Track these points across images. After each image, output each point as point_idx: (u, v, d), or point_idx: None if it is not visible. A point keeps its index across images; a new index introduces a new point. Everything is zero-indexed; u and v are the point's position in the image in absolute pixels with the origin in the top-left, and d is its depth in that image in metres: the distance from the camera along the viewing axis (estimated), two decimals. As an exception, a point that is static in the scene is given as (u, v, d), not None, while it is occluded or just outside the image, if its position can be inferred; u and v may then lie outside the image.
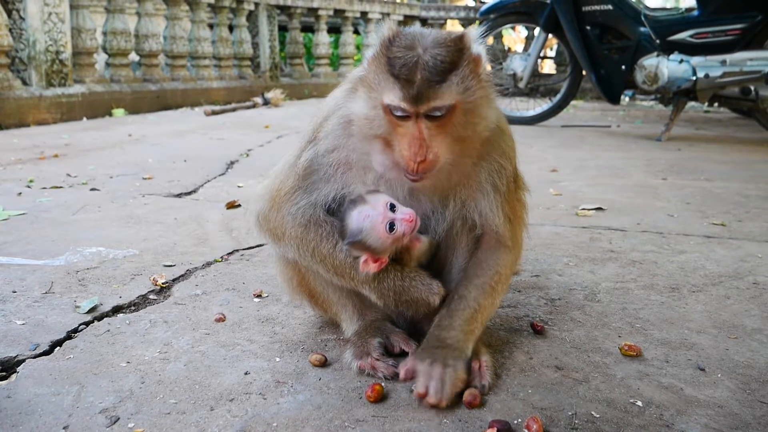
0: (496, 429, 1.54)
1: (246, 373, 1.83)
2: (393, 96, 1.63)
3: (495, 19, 8.38)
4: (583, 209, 3.88)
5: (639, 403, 1.70)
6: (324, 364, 1.88)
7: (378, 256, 1.78)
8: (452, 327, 1.80)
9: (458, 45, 1.66)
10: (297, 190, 1.89)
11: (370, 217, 1.74)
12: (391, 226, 1.73)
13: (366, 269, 1.79)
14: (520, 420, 1.61)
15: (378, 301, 1.85)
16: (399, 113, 1.63)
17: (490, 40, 10.92)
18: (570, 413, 1.64)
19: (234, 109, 10.57)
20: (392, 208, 1.76)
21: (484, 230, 1.88)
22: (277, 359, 1.92)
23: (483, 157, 1.83)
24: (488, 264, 1.87)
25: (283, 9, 14.09)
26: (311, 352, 1.95)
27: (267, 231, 1.97)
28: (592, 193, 4.43)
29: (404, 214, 1.75)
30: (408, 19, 16.06)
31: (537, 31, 8.45)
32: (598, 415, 1.63)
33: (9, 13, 8.27)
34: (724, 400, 1.72)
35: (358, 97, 1.74)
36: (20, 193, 4.15)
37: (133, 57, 10.79)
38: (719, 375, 1.85)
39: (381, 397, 1.69)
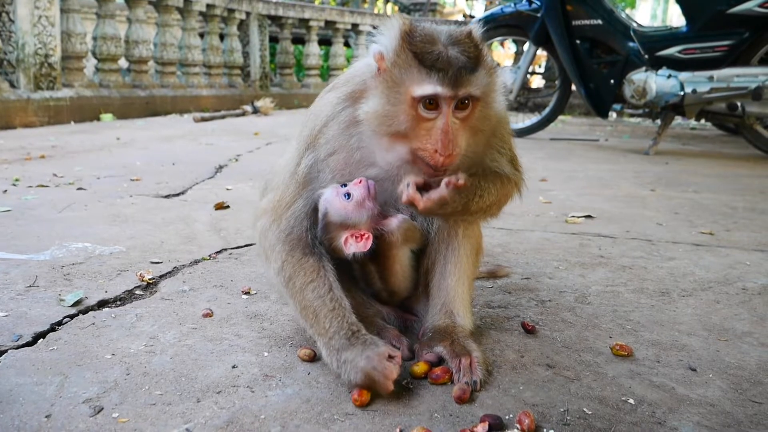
0: (487, 423, 1.52)
1: (234, 367, 1.80)
2: (428, 85, 1.63)
3: (486, 32, 8.40)
4: (573, 217, 3.89)
5: (631, 400, 1.68)
6: (313, 359, 1.85)
7: (356, 230, 1.82)
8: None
9: (473, 40, 1.71)
10: (297, 198, 1.89)
11: (327, 198, 1.83)
12: (348, 196, 1.80)
13: (350, 248, 1.82)
14: (511, 415, 1.58)
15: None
16: (431, 106, 1.65)
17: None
18: (562, 410, 1.62)
19: (223, 117, 10.55)
20: (344, 185, 1.83)
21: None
22: (266, 354, 1.89)
23: (486, 146, 1.87)
24: (501, 178, 1.88)
25: (275, 19, 14.13)
26: (300, 347, 1.92)
27: (263, 248, 1.97)
28: (582, 202, 4.44)
29: (354, 182, 1.82)
30: (399, 32, 16.13)
31: (527, 45, 8.51)
32: (590, 412, 1.61)
33: (-2, 15, 8.23)
34: (715, 399, 1.71)
35: (373, 95, 1.72)
36: (5, 191, 4.10)
37: (123, 63, 10.76)
38: (710, 375, 1.84)
39: (369, 402, 1.63)
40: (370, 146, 1.80)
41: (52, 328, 2.03)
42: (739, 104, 7.03)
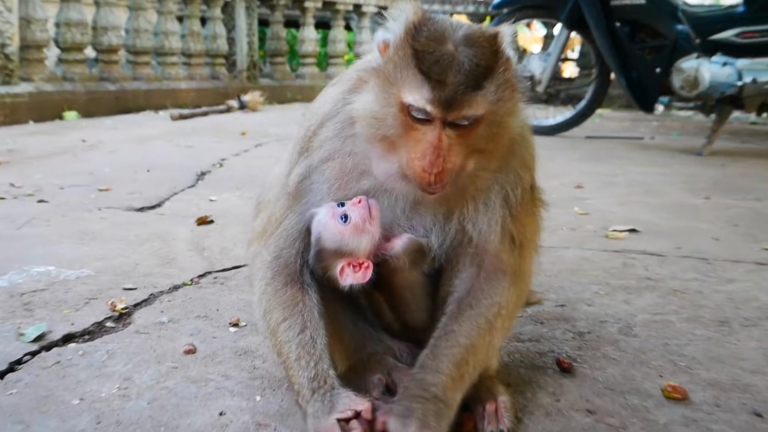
0: (518, 481, 1.51)
1: (221, 414, 1.80)
2: (418, 96, 1.61)
3: (509, 14, 8.44)
4: (614, 231, 3.89)
5: (686, 453, 1.68)
6: (313, 404, 1.85)
7: (355, 259, 1.81)
8: (438, 370, 1.70)
9: (492, 46, 1.66)
10: (288, 214, 1.89)
11: (320, 220, 1.82)
12: (345, 218, 1.78)
13: (346, 280, 1.80)
14: (546, 471, 1.58)
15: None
16: (421, 116, 1.63)
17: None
18: (605, 464, 1.62)
19: (205, 113, 10.59)
20: (341, 204, 1.82)
21: (482, 252, 1.83)
22: (258, 398, 1.90)
23: (501, 167, 1.83)
24: (485, 293, 1.81)
25: (264, 0, 14.20)
26: (298, 389, 1.92)
27: (252, 274, 1.98)
28: (624, 212, 4.44)
29: (352, 201, 1.80)
30: (408, 14, 16.16)
31: (558, 28, 8.51)
32: (638, 467, 1.61)
33: (-52, 0, 8.30)
34: (786, 450, 1.70)
35: (366, 90, 1.73)
36: (-45, 205, 4.14)
37: (90, 52, 10.81)
38: (779, 421, 1.84)
39: None
40: (364, 151, 1.80)
41: (11, 368, 2.04)
42: (807, 96, 7.01)
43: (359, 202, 1.80)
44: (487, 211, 1.82)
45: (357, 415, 1.62)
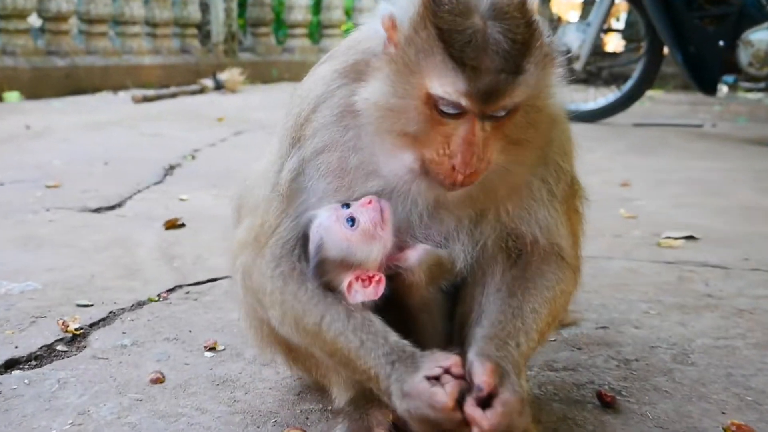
0: None
1: (195, 455, 1.82)
2: (451, 88, 1.61)
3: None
4: (668, 238, 3.89)
5: (753, 505, 1.69)
6: (306, 444, 1.88)
7: (363, 271, 1.80)
8: (518, 345, 1.78)
9: (524, 15, 1.66)
10: (283, 219, 1.90)
11: (322, 224, 1.82)
12: (352, 221, 1.79)
13: (355, 296, 1.81)
14: None
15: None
16: (452, 111, 1.63)
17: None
18: None
19: (174, 95, 10.62)
20: (346, 206, 1.82)
21: (541, 246, 1.89)
22: (239, 436, 1.92)
23: (538, 159, 1.85)
24: (555, 277, 1.89)
25: (246, -43, 14.23)
26: (287, 426, 1.94)
27: (251, 292, 1.98)
28: (679, 216, 4.44)
29: (360, 202, 1.81)
30: (419, -25, 16.18)
31: (599, -9, 8.52)
32: None
33: None
34: None
35: (376, 77, 1.73)
36: None
37: (35, 21, 10.83)
38: None
39: None
40: (371, 147, 1.81)
41: (-57, 400, 2.06)
42: None
43: (369, 202, 1.80)
44: (542, 205, 1.87)
45: (446, 371, 1.65)
